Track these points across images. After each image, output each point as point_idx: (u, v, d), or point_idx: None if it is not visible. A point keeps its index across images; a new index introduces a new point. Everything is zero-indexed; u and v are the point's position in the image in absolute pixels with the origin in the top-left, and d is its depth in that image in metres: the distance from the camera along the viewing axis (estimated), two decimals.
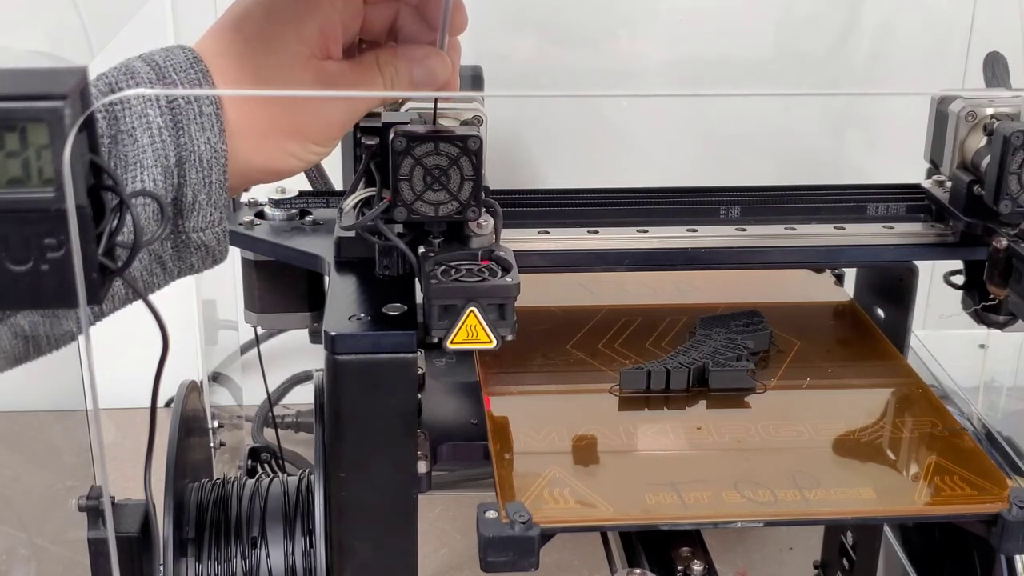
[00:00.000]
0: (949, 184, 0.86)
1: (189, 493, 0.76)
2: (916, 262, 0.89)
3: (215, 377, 1.58)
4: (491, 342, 0.69)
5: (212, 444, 1.35)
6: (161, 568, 0.71)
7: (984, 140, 0.83)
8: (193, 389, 0.82)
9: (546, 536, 0.67)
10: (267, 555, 0.73)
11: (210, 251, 0.62)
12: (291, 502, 0.76)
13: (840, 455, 0.76)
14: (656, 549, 0.77)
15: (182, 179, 0.58)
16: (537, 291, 0.70)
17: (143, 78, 0.58)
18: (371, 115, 0.75)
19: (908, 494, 0.72)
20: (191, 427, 0.80)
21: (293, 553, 0.74)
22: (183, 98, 0.58)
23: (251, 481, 0.78)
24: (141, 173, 0.56)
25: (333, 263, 0.79)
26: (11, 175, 0.45)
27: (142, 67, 0.58)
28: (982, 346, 1.16)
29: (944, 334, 1.02)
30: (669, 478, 0.72)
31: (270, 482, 0.78)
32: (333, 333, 0.68)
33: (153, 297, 0.57)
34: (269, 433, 1.52)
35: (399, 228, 0.74)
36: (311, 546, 0.73)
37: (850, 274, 1.00)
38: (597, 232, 0.84)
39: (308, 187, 1.21)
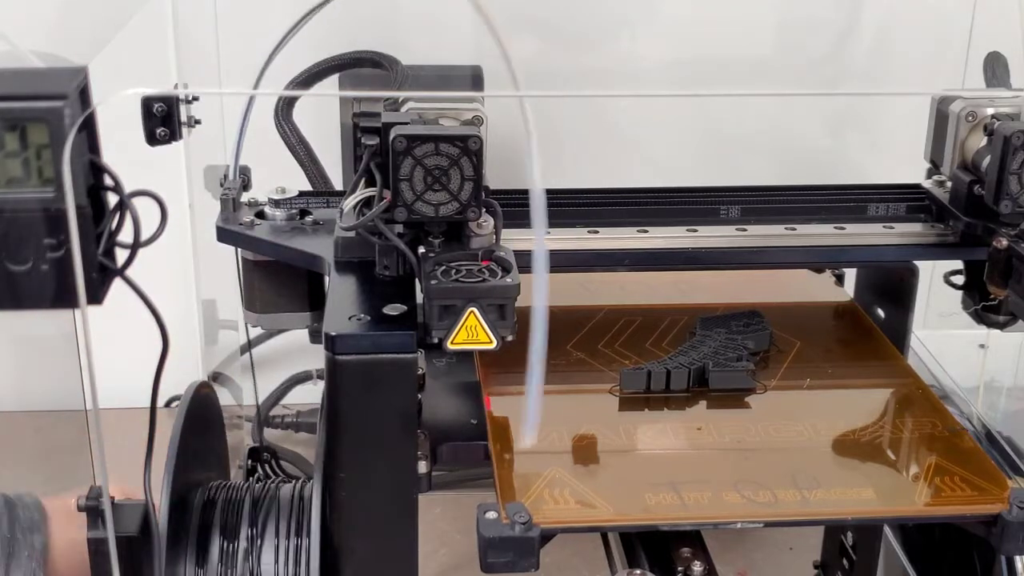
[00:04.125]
0: (949, 184, 0.86)
1: (191, 494, 0.76)
2: (916, 262, 0.89)
3: (215, 377, 1.58)
4: (491, 342, 0.69)
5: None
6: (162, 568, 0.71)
7: (984, 140, 0.83)
8: (205, 387, 0.82)
9: (546, 537, 0.67)
10: (273, 559, 0.73)
11: None
12: (293, 505, 0.76)
13: (840, 455, 0.76)
14: (656, 549, 0.77)
15: None
16: None
17: None
18: (371, 115, 0.75)
19: (908, 494, 0.72)
20: (203, 426, 0.80)
21: (296, 558, 0.74)
22: None
23: (254, 483, 0.78)
24: None
25: (333, 263, 0.79)
26: (11, 175, 0.45)
27: None
28: (982, 346, 1.16)
29: (944, 334, 1.02)
30: (669, 478, 0.72)
31: (272, 484, 0.78)
32: (333, 333, 0.68)
33: (153, 297, 0.58)
34: (270, 433, 1.52)
35: (399, 228, 0.74)
36: (308, 549, 0.73)
37: (850, 274, 1.00)
38: (597, 232, 0.84)
39: (308, 187, 1.21)
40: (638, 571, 0.75)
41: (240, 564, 0.73)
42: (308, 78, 1.22)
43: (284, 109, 1.17)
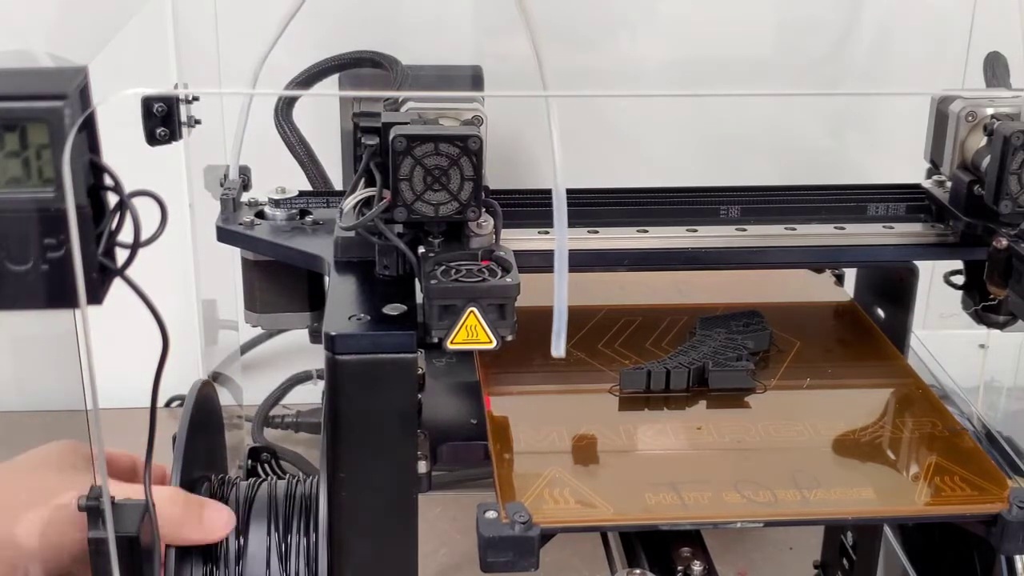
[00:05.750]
0: (949, 184, 0.86)
1: (195, 491, 0.76)
2: (916, 262, 0.89)
3: (215, 377, 1.58)
4: (491, 342, 0.69)
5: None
6: (163, 568, 0.71)
7: (984, 140, 0.83)
8: (207, 386, 0.82)
9: (546, 536, 0.67)
10: (267, 556, 0.73)
11: None
12: (295, 503, 0.76)
13: (840, 455, 0.76)
14: (656, 549, 0.77)
15: None
16: (537, 291, 0.70)
17: None
18: (371, 115, 0.75)
19: (908, 494, 0.72)
20: (206, 424, 0.80)
21: (296, 555, 0.74)
22: None
23: (256, 482, 0.78)
24: None
25: (333, 263, 0.79)
26: (11, 175, 0.45)
27: None
28: (982, 346, 1.16)
29: (944, 334, 1.01)
30: (669, 478, 0.72)
31: (273, 483, 0.78)
32: (333, 333, 0.68)
33: (153, 297, 0.58)
34: (270, 433, 1.52)
35: (399, 228, 0.74)
36: (315, 548, 0.73)
37: (850, 274, 1.00)
38: (597, 232, 0.84)
39: (308, 187, 1.21)
40: (638, 571, 0.75)
41: (246, 560, 0.73)
42: (308, 78, 1.22)
43: (284, 109, 1.17)
